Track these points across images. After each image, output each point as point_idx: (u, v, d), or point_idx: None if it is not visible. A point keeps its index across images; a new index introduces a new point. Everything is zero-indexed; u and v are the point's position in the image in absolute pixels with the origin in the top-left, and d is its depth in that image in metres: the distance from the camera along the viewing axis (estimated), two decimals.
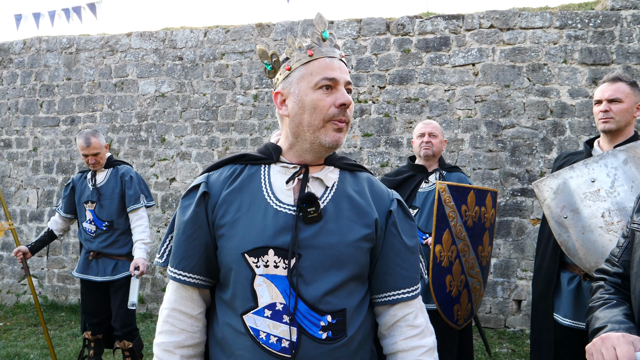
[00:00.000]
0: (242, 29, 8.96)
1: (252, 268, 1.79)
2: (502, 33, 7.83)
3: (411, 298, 1.93)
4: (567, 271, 3.54)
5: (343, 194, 1.92)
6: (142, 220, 5.31)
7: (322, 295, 1.77)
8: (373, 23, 8.35)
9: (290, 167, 1.92)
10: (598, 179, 3.15)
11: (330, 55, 1.87)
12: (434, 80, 8.05)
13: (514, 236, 7.69)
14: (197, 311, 1.93)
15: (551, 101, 7.62)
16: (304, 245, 1.79)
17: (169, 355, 1.87)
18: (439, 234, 4.21)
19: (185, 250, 1.88)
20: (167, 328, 1.90)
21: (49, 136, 9.65)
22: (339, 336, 1.78)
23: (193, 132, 9.01)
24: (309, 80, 1.83)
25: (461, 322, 4.43)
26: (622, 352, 1.54)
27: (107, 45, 9.51)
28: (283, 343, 1.75)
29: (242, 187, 1.90)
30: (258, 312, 1.78)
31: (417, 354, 1.90)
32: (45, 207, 9.57)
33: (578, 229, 3.17)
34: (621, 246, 1.97)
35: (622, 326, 1.70)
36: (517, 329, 7.63)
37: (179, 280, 1.88)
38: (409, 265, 1.96)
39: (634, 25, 7.46)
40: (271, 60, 1.93)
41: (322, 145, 1.86)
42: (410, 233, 2.00)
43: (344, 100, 1.82)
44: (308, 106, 1.82)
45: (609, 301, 1.90)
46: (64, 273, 9.44)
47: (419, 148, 4.69)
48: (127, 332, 5.32)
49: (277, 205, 1.85)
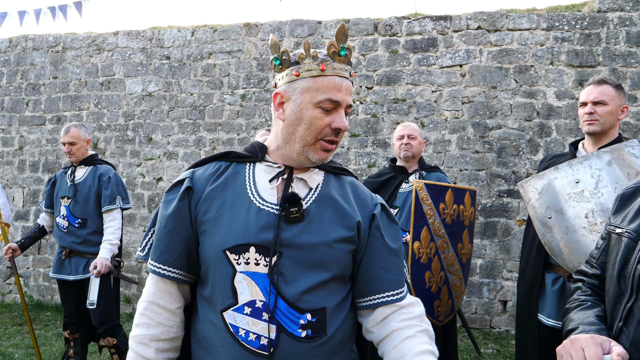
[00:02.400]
0: (229, 28, 8.95)
1: (233, 265, 1.79)
2: (490, 34, 7.86)
3: (396, 301, 1.92)
4: (551, 272, 3.56)
5: (327, 196, 1.93)
6: (114, 221, 5.28)
7: (302, 293, 1.77)
8: (361, 23, 8.36)
9: (275, 166, 1.93)
10: (582, 180, 3.16)
11: (342, 75, 1.85)
12: (421, 81, 8.06)
13: (500, 237, 7.72)
14: (175, 306, 1.93)
15: (538, 103, 7.65)
16: (286, 244, 1.79)
17: (143, 348, 1.88)
18: (417, 231, 4.31)
19: (166, 244, 1.89)
20: (144, 321, 1.90)
21: (35, 135, 9.61)
22: (318, 335, 1.79)
23: (180, 132, 8.99)
24: (313, 95, 1.82)
25: (442, 318, 4.51)
26: (590, 353, 1.55)
27: (93, 44, 9.48)
28: (262, 340, 1.75)
29: (226, 184, 1.91)
30: (238, 309, 1.78)
31: (414, 330, 1.86)
32: (31, 206, 9.52)
33: (562, 230, 3.18)
34: (599, 248, 1.98)
35: (593, 327, 1.71)
36: (503, 329, 7.66)
37: (158, 273, 1.88)
38: (393, 268, 1.95)
39: (620, 28, 7.50)
40: (281, 56, 1.89)
41: (307, 159, 1.88)
42: (394, 236, 2.00)
43: (340, 125, 1.84)
44: (305, 120, 1.83)
45: (584, 303, 1.92)
46: (49, 272, 9.38)
47: (398, 150, 4.82)
48: (107, 329, 5.29)
49: (260, 203, 1.85)
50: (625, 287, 1.70)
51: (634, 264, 1.68)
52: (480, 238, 7.76)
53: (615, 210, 1.93)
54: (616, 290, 1.74)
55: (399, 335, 1.87)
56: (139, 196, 9.04)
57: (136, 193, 9.02)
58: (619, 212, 1.91)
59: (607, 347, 1.58)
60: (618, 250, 1.78)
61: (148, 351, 1.87)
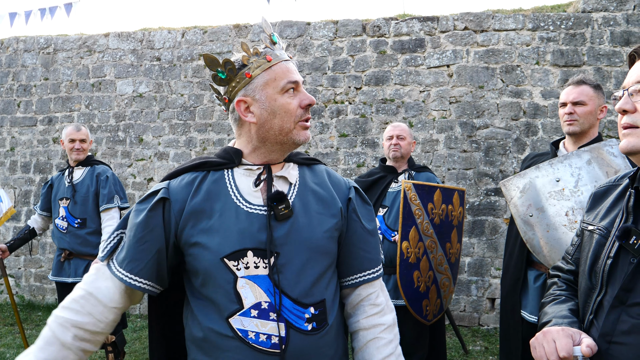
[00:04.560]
0: (219, 29, 8.98)
1: (233, 271, 1.83)
2: (476, 35, 7.92)
3: (375, 278, 2.06)
4: (533, 269, 3.61)
5: (307, 189, 2.00)
6: (112, 220, 5.29)
7: (304, 288, 1.85)
8: (349, 25, 8.41)
9: (254, 168, 1.98)
10: (562, 178, 3.21)
11: (285, 58, 1.96)
12: (409, 81, 8.12)
13: (488, 235, 7.79)
14: (114, 305, 1.91)
15: (524, 102, 7.73)
16: (280, 242, 1.85)
17: (62, 330, 1.82)
18: (405, 230, 4.33)
19: (134, 252, 1.88)
20: (74, 306, 1.86)
21: (27, 136, 9.61)
22: (322, 325, 1.88)
23: (171, 133, 9.01)
24: (274, 86, 1.89)
25: (430, 318, 4.53)
26: (561, 345, 1.62)
27: (84, 46, 9.49)
28: (273, 339, 1.80)
29: (209, 194, 1.92)
30: (244, 314, 1.82)
31: (377, 332, 2.00)
32: (23, 206, 9.53)
33: (543, 227, 3.22)
34: (574, 244, 2.04)
35: (565, 320, 1.77)
36: (491, 326, 7.73)
37: (123, 281, 1.88)
38: (371, 248, 2.08)
39: (605, 27, 7.59)
40: (225, 68, 1.93)
41: (294, 144, 1.96)
42: (369, 217, 2.12)
43: (309, 101, 1.94)
44: (278, 111, 1.89)
45: (559, 297, 1.98)
46: (41, 273, 9.41)
47: (388, 150, 4.83)
48: None
49: (247, 207, 1.89)
50: (596, 282, 1.76)
51: (604, 259, 1.74)
52: (468, 236, 7.83)
53: (588, 208, 1.99)
54: (587, 285, 1.80)
55: (364, 337, 2.02)
56: (130, 197, 9.05)
57: (127, 194, 9.02)
58: (591, 210, 1.97)
59: (577, 339, 1.65)
60: (590, 247, 1.84)
61: (65, 335, 1.81)
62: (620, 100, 1.74)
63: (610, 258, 1.72)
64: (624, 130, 1.71)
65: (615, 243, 1.72)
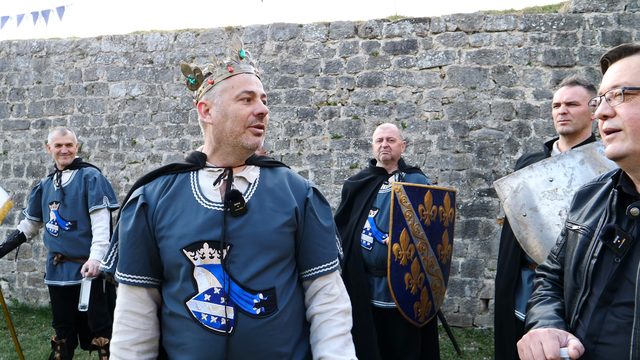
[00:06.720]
0: (212, 32, 8.98)
1: (191, 261, 2.05)
2: (468, 36, 7.94)
3: (330, 271, 2.25)
4: (527, 269, 3.61)
5: (264, 189, 2.21)
6: (102, 221, 5.32)
7: (252, 276, 2.04)
8: (341, 26, 8.42)
9: (216, 170, 2.21)
10: (556, 178, 3.22)
11: (248, 71, 2.17)
12: (401, 82, 8.13)
13: (481, 236, 7.80)
14: (147, 310, 2.15)
15: (516, 103, 7.75)
16: (234, 235, 2.06)
17: (125, 352, 2.09)
18: (396, 233, 4.33)
19: (131, 256, 2.12)
20: (122, 328, 2.11)
21: (19, 139, 9.60)
22: (271, 311, 2.05)
23: (164, 135, 9.01)
24: (230, 93, 2.12)
25: (422, 320, 4.52)
26: (548, 346, 1.63)
27: (77, 49, 9.48)
28: (222, 321, 2.00)
29: (175, 193, 2.15)
30: (199, 297, 2.04)
31: (330, 315, 2.19)
32: (16, 210, 9.50)
33: (536, 227, 3.24)
34: (559, 244, 2.05)
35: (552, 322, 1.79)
36: (485, 327, 7.74)
37: (128, 282, 2.12)
38: (327, 243, 2.28)
39: (596, 28, 7.61)
40: (194, 74, 2.18)
41: (244, 148, 2.16)
42: (326, 216, 2.33)
43: (262, 109, 2.15)
44: (230, 115, 2.12)
45: (545, 297, 1.99)
46: (34, 276, 9.39)
47: (378, 152, 4.80)
48: (102, 330, 5.34)
49: (206, 204, 2.11)
50: (580, 282, 1.77)
51: (588, 259, 1.75)
52: (461, 237, 7.84)
53: (572, 207, 2.00)
54: (572, 285, 1.82)
55: (318, 319, 2.20)
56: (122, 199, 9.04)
57: (121, 196, 9.01)
58: (575, 209, 1.98)
59: (564, 340, 1.66)
60: (574, 246, 1.86)
61: (130, 355, 2.08)
62: (599, 106, 1.75)
63: (594, 258, 1.73)
64: (607, 135, 1.72)
65: (599, 243, 1.73)
